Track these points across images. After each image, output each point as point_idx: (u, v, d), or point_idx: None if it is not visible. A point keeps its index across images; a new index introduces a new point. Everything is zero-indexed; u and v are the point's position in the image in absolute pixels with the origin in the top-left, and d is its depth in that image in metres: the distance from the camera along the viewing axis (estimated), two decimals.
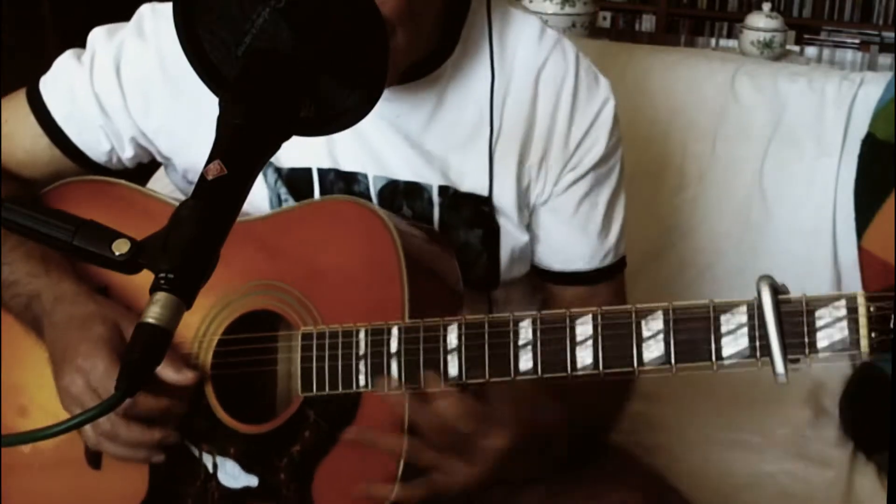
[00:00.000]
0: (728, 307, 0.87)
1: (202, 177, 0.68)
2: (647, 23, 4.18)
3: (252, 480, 1.02)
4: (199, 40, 0.73)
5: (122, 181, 1.17)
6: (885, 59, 2.61)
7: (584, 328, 0.91)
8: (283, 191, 1.13)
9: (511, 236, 1.15)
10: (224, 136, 0.70)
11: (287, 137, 0.73)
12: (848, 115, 1.72)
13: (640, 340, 0.90)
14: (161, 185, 1.57)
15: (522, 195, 1.13)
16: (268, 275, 1.04)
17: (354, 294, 1.01)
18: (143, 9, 1.14)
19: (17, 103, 1.18)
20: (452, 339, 0.94)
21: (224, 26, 0.72)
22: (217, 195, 0.68)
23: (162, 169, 1.31)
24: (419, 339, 0.95)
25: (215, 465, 1.04)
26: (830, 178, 1.71)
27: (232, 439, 1.04)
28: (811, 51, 2.69)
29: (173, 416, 1.04)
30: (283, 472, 1.01)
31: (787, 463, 1.51)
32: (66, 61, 1.17)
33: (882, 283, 1.65)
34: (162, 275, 0.64)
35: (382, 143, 1.11)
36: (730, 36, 3.92)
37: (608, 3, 4.09)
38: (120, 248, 0.66)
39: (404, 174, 1.12)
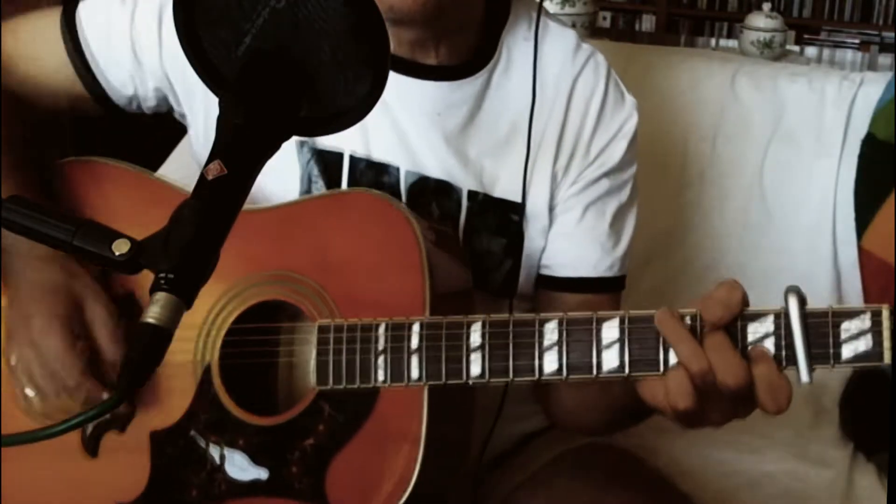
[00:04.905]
0: (755, 316, 0.87)
1: (202, 177, 0.68)
2: (647, 23, 4.18)
3: (262, 473, 1.02)
4: (199, 40, 0.73)
5: (123, 163, 1.15)
6: (885, 59, 2.62)
7: (610, 332, 0.91)
8: (314, 170, 1.12)
9: (535, 245, 1.16)
10: (224, 135, 0.70)
11: (287, 137, 0.73)
12: (848, 115, 1.72)
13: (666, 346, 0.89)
14: (174, 168, 1.56)
15: (552, 200, 1.15)
16: (282, 264, 1.03)
17: (372, 287, 1.01)
18: None
19: (49, 24, 1.14)
20: (476, 337, 0.94)
21: (224, 26, 0.72)
22: (217, 195, 0.68)
23: (176, 151, 1.29)
24: (441, 335, 0.95)
25: (223, 457, 1.03)
26: (830, 178, 1.70)
27: (241, 431, 1.03)
28: (811, 51, 2.70)
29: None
30: (296, 466, 1.01)
31: (787, 463, 1.51)
32: None
33: (882, 282, 1.65)
34: (162, 275, 0.64)
35: (419, 139, 1.12)
36: (730, 36, 3.92)
37: (608, 3, 4.09)
38: (120, 248, 0.66)
39: (436, 172, 1.12)
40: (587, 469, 1.17)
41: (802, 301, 0.86)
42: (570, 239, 1.16)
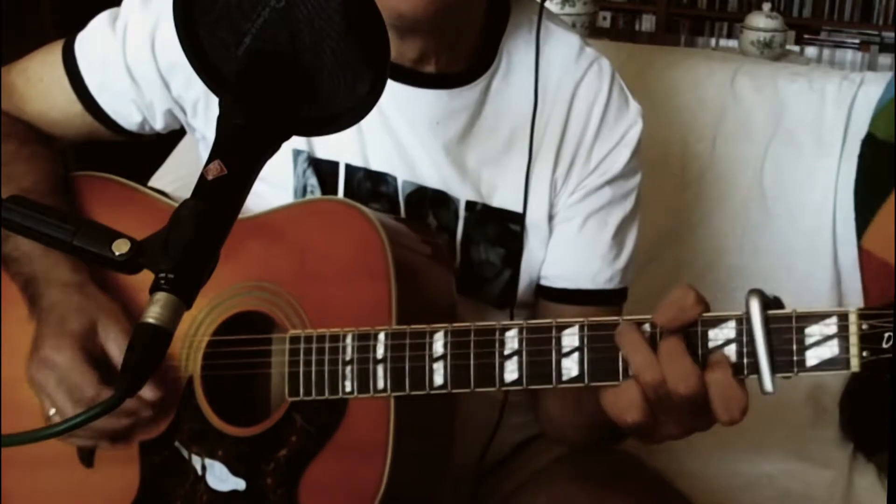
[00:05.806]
0: (716, 321, 0.84)
1: (202, 177, 0.68)
2: (647, 23, 4.18)
3: (239, 484, 1.02)
4: (199, 40, 0.73)
5: (120, 178, 1.16)
6: (885, 59, 2.62)
7: (570, 339, 0.88)
8: (312, 181, 1.12)
9: (534, 255, 1.14)
10: (224, 136, 0.70)
11: (287, 137, 0.73)
12: (848, 115, 1.72)
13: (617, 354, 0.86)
14: (173, 168, 1.54)
15: (552, 209, 1.14)
16: (258, 275, 1.03)
17: (342, 296, 1.00)
18: None
19: (53, 61, 1.16)
20: (438, 346, 0.92)
21: (224, 26, 0.72)
22: (217, 195, 0.68)
23: (176, 152, 1.27)
24: (405, 345, 0.94)
25: (204, 468, 1.03)
26: (830, 178, 1.70)
27: (220, 441, 1.03)
28: (811, 51, 2.70)
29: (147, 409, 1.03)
30: (270, 477, 1.01)
31: (787, 463, 1.51)
32: (100, 26, 1.14)
33: (882, 282, 1.65)
34: (162, 275, 0.64)
35: (417, 149, 1.11)
36: (730, 36, 3.92)
37: (608, 3, 4.09)
38: (120, 248, 0.66)
39: (434, 182, 1.11)
40: (587, 470, 1.17)
41: (766, 304, 0.82)
42: (569, 249, 1.14)
